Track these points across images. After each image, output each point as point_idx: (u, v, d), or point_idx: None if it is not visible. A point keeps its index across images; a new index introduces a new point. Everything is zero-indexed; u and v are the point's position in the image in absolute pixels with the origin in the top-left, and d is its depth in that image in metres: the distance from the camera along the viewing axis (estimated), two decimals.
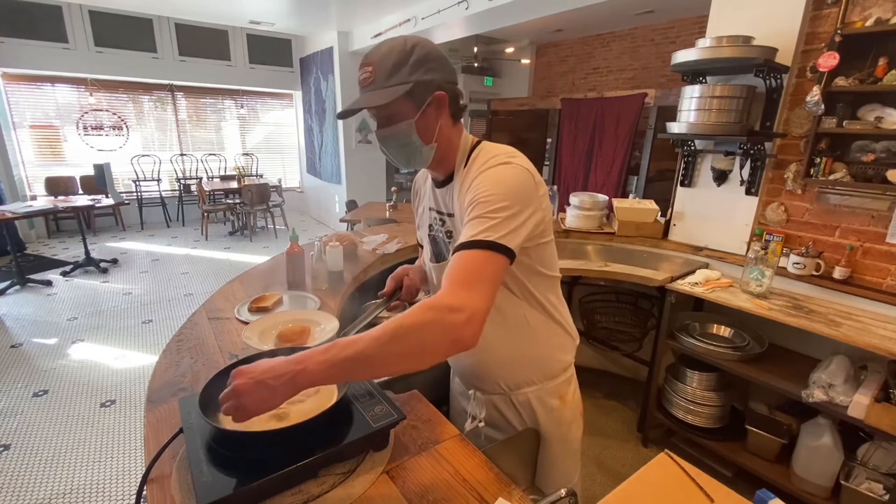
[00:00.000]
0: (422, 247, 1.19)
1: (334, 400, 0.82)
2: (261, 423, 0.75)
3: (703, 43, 2.00)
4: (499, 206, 0.80)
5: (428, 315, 0.70)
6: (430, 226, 1.08)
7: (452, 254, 0.80)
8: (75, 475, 2.09)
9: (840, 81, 1.80)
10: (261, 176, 7.59)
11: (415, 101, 0.88)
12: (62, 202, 4.66)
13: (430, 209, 1.08)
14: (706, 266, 2.33)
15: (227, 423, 0.71)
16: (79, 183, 6.25)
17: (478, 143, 0.97)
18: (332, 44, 5.98)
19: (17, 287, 4.23)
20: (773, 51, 1.91)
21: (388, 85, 0.86)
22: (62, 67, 5.68)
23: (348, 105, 0.90)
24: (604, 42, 6.18)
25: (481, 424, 1.09)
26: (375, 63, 0.87)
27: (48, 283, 4.36)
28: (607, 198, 2.82)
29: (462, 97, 0.96)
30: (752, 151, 2.11)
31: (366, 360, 0.68)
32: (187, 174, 7.16)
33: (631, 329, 2.60)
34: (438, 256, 1.07)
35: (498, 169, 0.85)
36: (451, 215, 1.00)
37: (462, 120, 0.98)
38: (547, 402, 1.05)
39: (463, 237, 0.80)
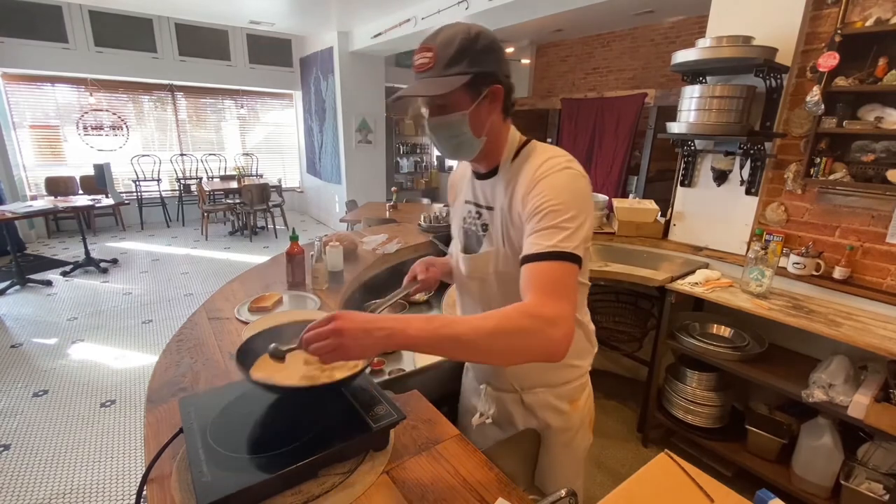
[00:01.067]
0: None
1: (360, 367, 0.84)
2: (291, 381, 0.80)
3: (703, 43, 2.00)
4: (569, 215, 0.80)
5: (528, 322, 0.72)
6: (464, 218, 1.06)
7: (526, 262, 0.81)
8: (75, 475, 2.09)
9: (840, 81, 1.80)
10: (261, 176, 7.59)
11: (471, 93, 0.85)
12: (62, 202, 4.66)
13: (466, 202, 1.06)
14: (706, 266, 2.33)
15: (264, 376, 0.79)
16: (79, 183, 6.25)
17: (528, 140, 0.95)
18: (332, 44, 5.98)
19: (17, 287, 4.23)
20: (773, 51, 1.91)
21: (448, 74, 0.83)
22: (62, 67, 5.68)
23: (402, 92, 0.87)
24: (604, 42, 6.18)
25: (488, 421, 1.09)
26: (436, 49, 0.83)
27: (48, 283, 4.36)
28: (607, 198, 2.82)
29: (514, 91, 0.93)
30: (752, 151, 2.11)
31: (462, 345, 0.72)
32: (187, 174, 7.16)
33: (631, 329, 2.60)
34: (468, 248, 1.06)
35: (562, 176, 0.84)
36: (489, 208, 0.98)
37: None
38: (556, 405, 1.04)
39: (540, 247, 0.79)
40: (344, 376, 0.81)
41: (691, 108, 2.09)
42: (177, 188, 7.01)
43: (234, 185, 6.46)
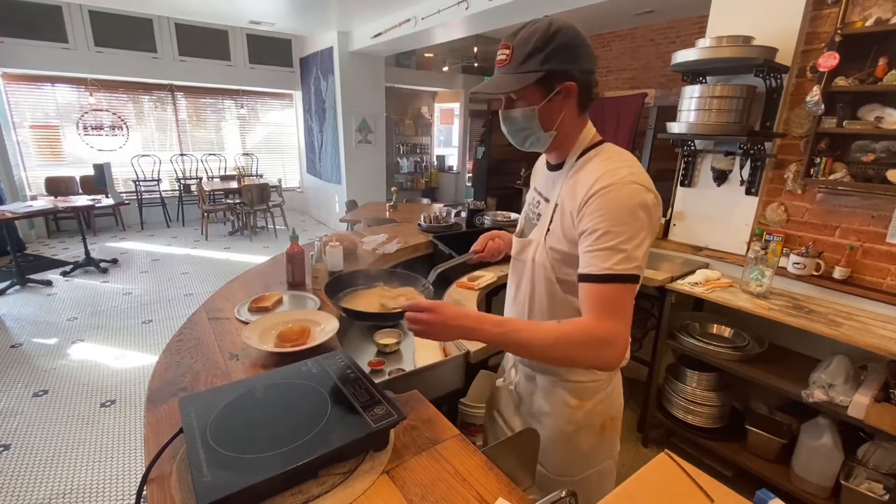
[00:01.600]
0: None
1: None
2: (367, 307, 1.14)
3: (703, 43, 2.00)
4: (627, 236, 0.82)
5: (585, 340, 0.82)
6: (529, 203, 1.11)
7: (584, 280, 0.85)
8: (75, 475, 2.09)
9: (840, 81, 1.80)
10: (261, 176, 7.59)
11: (543, 89, 0.89)
12: (62, 202, 4.66)
13: (534, 188, 1.11)
14: (706, 266, 2.33)
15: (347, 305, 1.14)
16: (79, 183, 6.25)
17: (600, 141, 0.96)
18: (332, 44, 5.98)
19: (17, 287, 4.22)
20: (773, 51, 1.91)
21: (521, 71, 0.87)
22: (62, 67, 5.68)
23: (479, 87, 0.93)
24: (604, 42, 6.18)
25: (511, 388, 1.18)
26: (515, 45, 0.87)
27: (48, 283, 4.36)
28: None
29: (596, 86, 0.94)
30: (752, 151, 2.11)
31: (526, 350, 0.87)
32: (187, 174, 7.16)
33: (631, 329, 2.59)
34: (522, 232, 1.12)
35: (624, 191, 0.84)
36: (547, 200, 1.02)
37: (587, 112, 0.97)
38: (564, 397, 1.07)
39: (597, 268, 0.83)
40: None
41: (691, 108, 2.09)
42: (177, 188, 7.01)
43: (234, 185, 6.46)
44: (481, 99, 8.03)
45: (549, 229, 0.97)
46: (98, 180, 5.15)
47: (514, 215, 2.96)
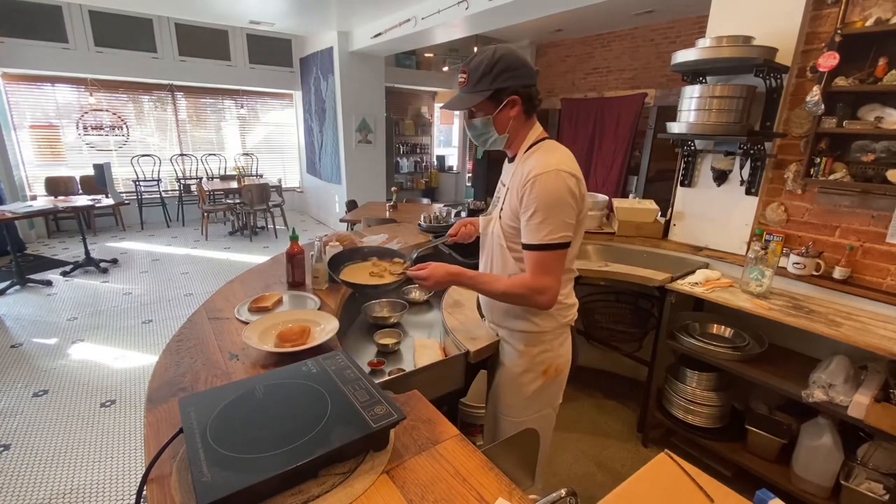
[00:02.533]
0: None
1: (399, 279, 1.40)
2: (364, 280, 1.42)
3: (703, 43, 2.00)
4: (555, 212, 1.09)
5: (524, 292, 1.15)
6: (497, 190, 1.36)
7: (526, 248, 1.15)
8: (75, 475, 2.09)
9: (840, 81, 1.80)
10: (261, 176, 7.59)
11: (494, 102, 1.15)
12: (62, 202, 4.66)
13: (500, 179, 1.37)
14: (706, 266, 2.33)
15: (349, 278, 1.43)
16: (79, 183, 6.25)
17: (544, 139, 1.21)
18: (332, 44, 5.98)
19: (17, 287, 4.22)
20: (773, 51, 1.91)
21: (476, 90, 1.14)
22: (62, 67, 5.67)
23: (446, 104, 1.21)
24: (604, 42, 6.18)
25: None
26: (469, 70, 1.14)
27: (48, 283, 4.36)
28: (607, 198, 2.82)
29: (538, 97, 1.19)
30: (752, 151, 2.11)
31: (489, 293, 1.27)
32: (187, 174, 7.16)
33: (631, 329, 2.59)
34: (489, 213, 1.39)
35: (549, 177, 1.09)
36: (504, 185, 1.28)
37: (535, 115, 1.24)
38: (515, 344, 1.34)
39: (533, 238, 1.12)
40: (391, 280, 1.39)
41: (691, 108, 2.09)
42: (177, 188, 7.00)
43: (234, 185, 6.46)
44: None
45: (502, 208, 1.25)
46: (98, 180, 5.15)
47: None
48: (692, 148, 2.37)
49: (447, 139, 9.33)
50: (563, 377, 1.38)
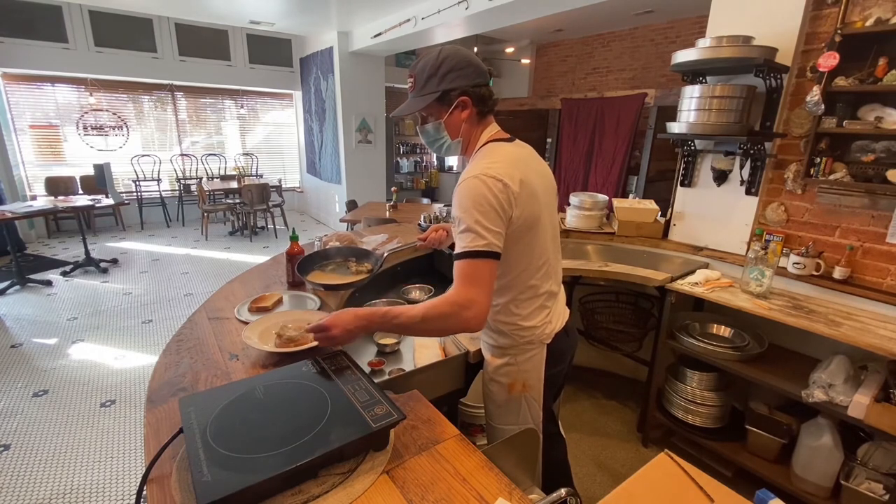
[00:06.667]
0: None
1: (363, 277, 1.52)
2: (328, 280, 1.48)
3: (703, 43, 2.00)
4: (475, 220, 0.98)
5: (447, 309, 0.97)
6: None
7: (454, 258, 1.02)
8: (75, 475, 2.09)
9: (840, 81, 1.80)
10: (261, 176, 7.59)
11: (444, 105, 1.08)
12: (62, 202, 4.66)
13: None
14: (706, 266, 2.33)
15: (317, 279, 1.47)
16: (79, 183, 6.25)
17: (488, 141, 1.12)
18: (332, 44, 5.98)
19: (17, 287, 4.23)
20: (773, 51, 1.91)
21: (424, 94, 1.08)
22: (62, 67, 5.67)
23: (396, 112, 1.14)
24: (604, 42, 6.18)
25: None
26: (415, 74, 1.09)
27: (48, 283, 4.36)
28: (607, 198, 2.82)
29: (490, 96, 1.11)
30: (752, 151, 2.11)
31: (408, 330, 1.06)
32: (187, 174, 7.16)
33: (631, 329, 2.59)
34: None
35: (471, 184, 1.00)
36: None
37: (490, 116, 1.16)
38: (486, 352, 1.29)
39: (459, 248, 1.00)
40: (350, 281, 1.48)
41: (691, 108, 2.09)
42: (177, 188, 7.00)
43: (234, 185, 6.46)
44: None
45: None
46: (98, 180, 5.15)
47: None
48: (692, 148, 2.37)
49: None
50: (535, 395, 1.24)
